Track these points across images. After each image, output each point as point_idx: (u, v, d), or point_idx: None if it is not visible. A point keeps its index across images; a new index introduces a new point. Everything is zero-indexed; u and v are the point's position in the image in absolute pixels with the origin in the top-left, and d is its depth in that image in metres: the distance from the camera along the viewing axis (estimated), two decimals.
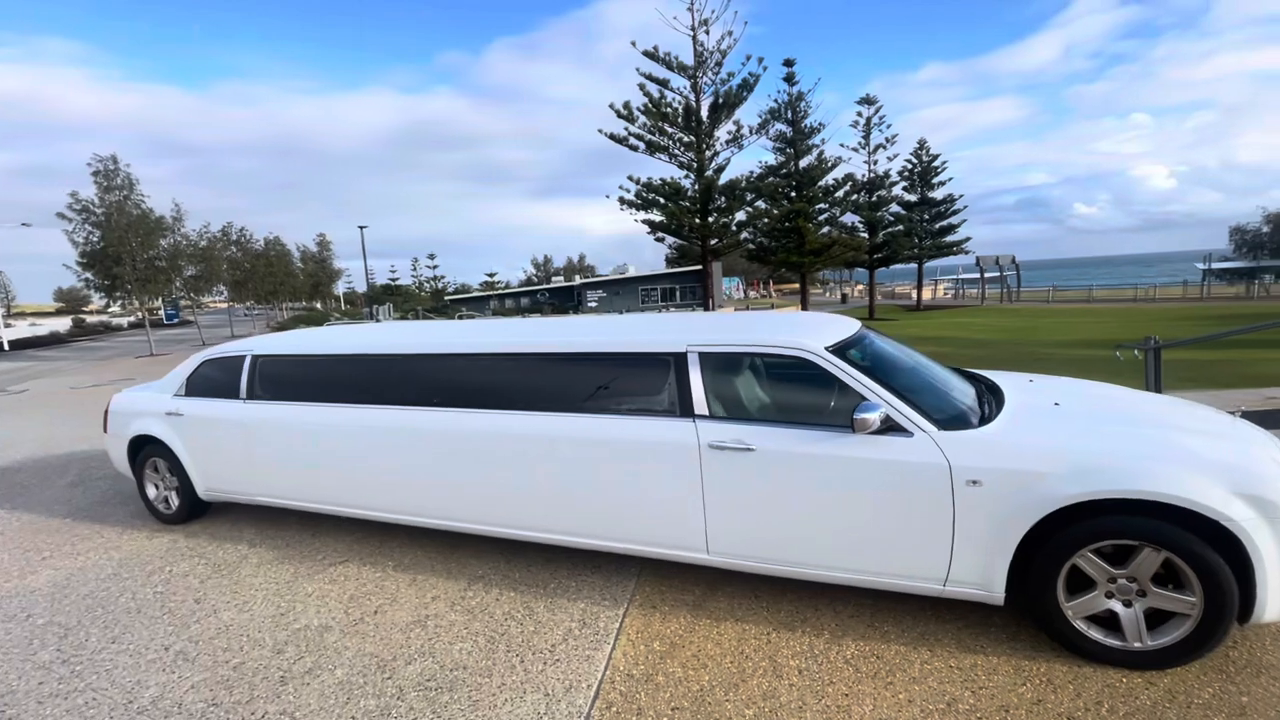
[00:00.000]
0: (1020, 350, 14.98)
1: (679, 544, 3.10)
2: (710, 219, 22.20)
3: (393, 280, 55.87)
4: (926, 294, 43.67)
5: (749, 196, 22.80)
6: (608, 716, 2.38)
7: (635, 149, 22.45)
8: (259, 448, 4.18)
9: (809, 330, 3.09)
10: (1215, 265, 40.07)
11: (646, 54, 21.52)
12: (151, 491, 4.85)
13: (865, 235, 35.52)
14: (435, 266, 56.15)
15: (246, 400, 4.28)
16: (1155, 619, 2.41)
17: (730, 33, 20.47)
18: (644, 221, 23.04)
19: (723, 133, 21.97)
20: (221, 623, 3.26)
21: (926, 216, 39.34)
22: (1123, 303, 33.67)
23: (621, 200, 23.15)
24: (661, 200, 21.61)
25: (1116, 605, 2.43)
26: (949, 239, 39.60)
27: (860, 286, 67.08)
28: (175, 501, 4.75)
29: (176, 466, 4.62)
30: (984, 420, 2.73)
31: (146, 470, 4.82)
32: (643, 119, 21.47)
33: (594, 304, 53.70)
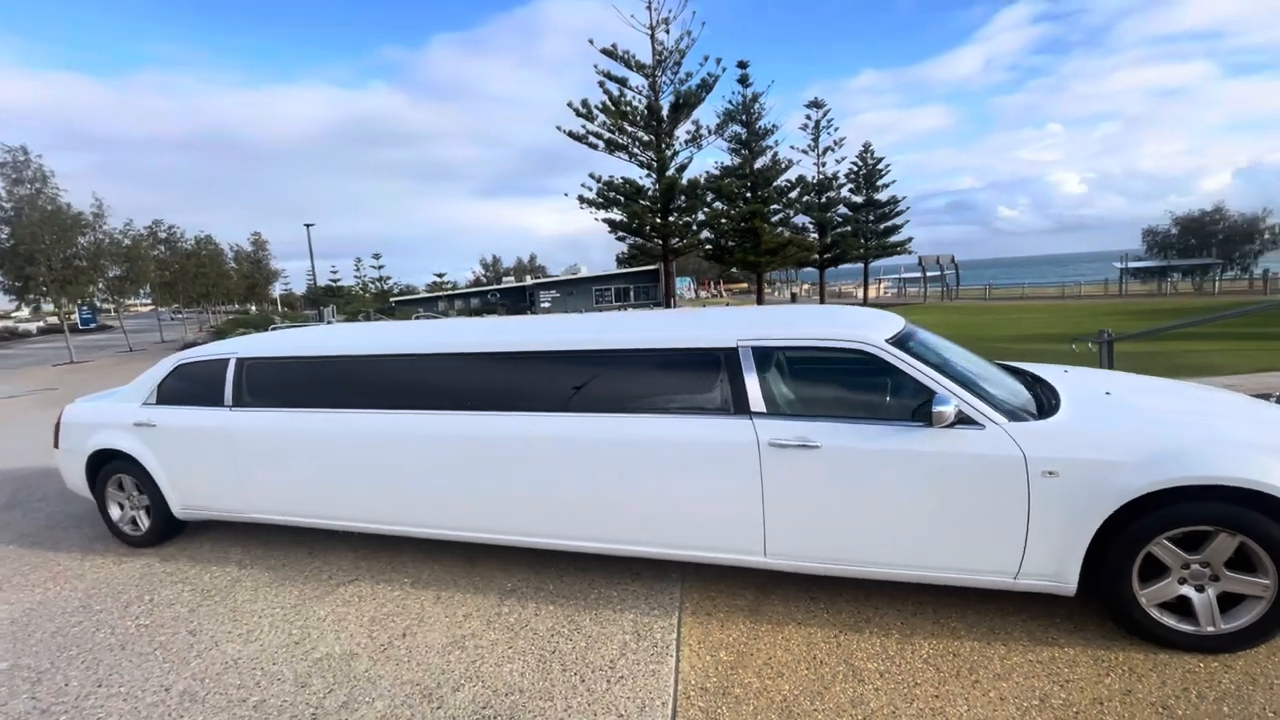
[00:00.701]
0: (979, 346, 15.55)
1: (734, 548, 2.97)
2: (671, 218, 22.20)
3: (334, 281, 53.34)
4: (871, 293, 45.11)
5: (709, 197, 22.94)
6: None
7: (594, 147, 22.20)
8: (249, 460, 3.80)
9: (864, 323, 3.02)
10: (1131, 264, 43.07)
11: (605, 52, 21.31)
12: (115, 512, 4.36)
13: (815, 236, 36.42)
14: (381, 266, 53.99)
15: (233, 408, 3.89)
16: (1227, 602, 2.44)
17: (689, 33, 20.52)
18: (604, 220, 22.84)
19: (682, 132, 22.03)
20: (227, 656, 2.92)
21: (872, 217, 40.63)
22: (1052, 299, 35.69)
23: (582, 199, 22.88)
24: (623, 199, 21.46)
25: (1189, 591, 2.45)
26: (893, 239, 41.04)
27: (805, 286, 68.74)
28: (145, 522, 4.29)
29: (147, 483, 4.16)
30: (1047, 411, 2.72)
31: (109, 488, 4.33)
32: (602, 117, 21.25)
33: (547, 304, 53.01)
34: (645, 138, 21.81)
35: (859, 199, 40.20)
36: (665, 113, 21.04)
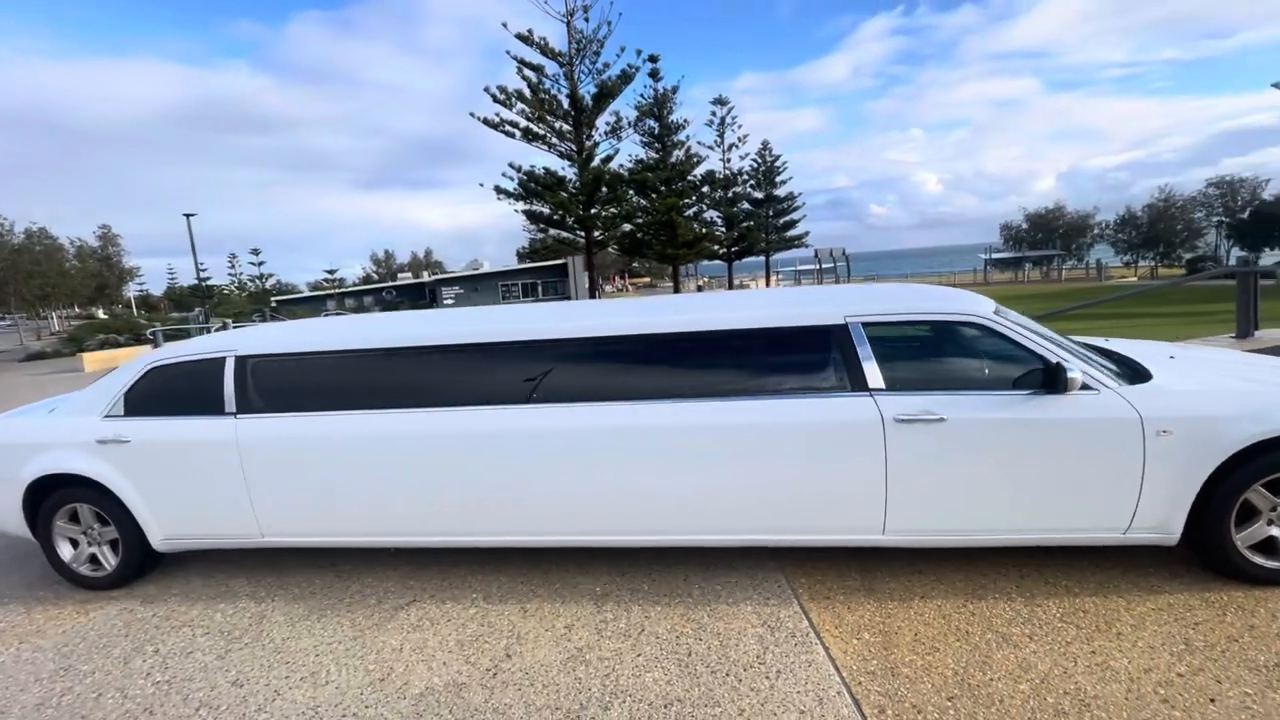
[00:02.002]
0: None
1: (850, 528, 2.92)
2: (593, 210, 21.94)
3: (203, 280, 47.66)
4: (771, 284, 47.33)
5: (631, 190, 22.90)
6: (908, 717, 2.15)
7: (511, 136, 21.46)
8: (264, 476, 3.24)
9: (962, 297, 3.07)
10: (993, 256, 48.35)
11: (520, 37, 20.62)
12: (66, 551, 3.57)
13: (724, 229, 37.54)
14: (261, 263, 49.03)
15: (239, 415, 3.29)
16: None
17: (609, 22, 20.30)
18: (524, 212, 22.16)
19: (602, 123, 21.81)
20: (300, 706, 2.46)
21: (772, 212, 42.51)
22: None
23: (499, 190, 22.05)
24: (545, 191, 20.91)
25: (1276, 531, 2.71)
26: (791, 233, 43.28)
27: (706, 279, 70.84)
28: (110, 559, 3.55)
29: (116, 512, 3.44)
30: (1141, 376, 2.90)
31: (58, 522, 3.53)
32: (521, 105, 20.55)
33: (450, 301, 50.69)
34: (565, 128, 21.38)
35: (760, 195, 41.91)
36: (587, 102, 20.71)
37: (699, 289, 59.69)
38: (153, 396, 3.44)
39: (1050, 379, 2.71)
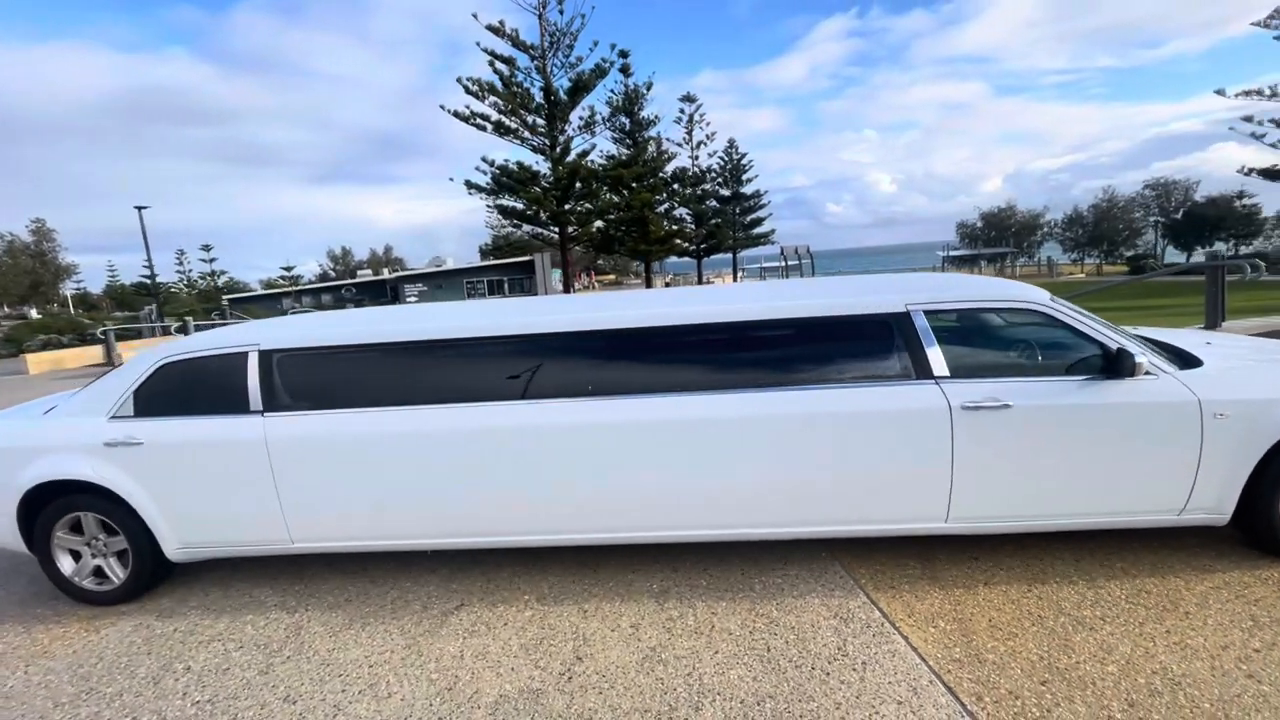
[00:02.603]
0: None
1: (913, 516, 2.91)
2: (568, 206, 21.70)
3: (147, 278, 45.13)
4: (738, 281, 47.77)
5: (605, 186, 22.73)
6: (989, 707, 2.14)
7: (482, 129, 21.02)
8: (297, 478, 3.04)
9: (1018, 286, 3.10)
10: (950, 253, 49.93)
11: (491, 29, 20.20)
12: (67, 564, 3.28)
13: (693, 226, 37.70)
14: (212, 260, 46.83)
15: (266, 414, 3.08)
16: None
17: (583, 15, 20.06)
18: (497, 208, 21.76)
19: (576, 117, 21.57)
20: (367, 718, 2.30)
21: (739, 210, 42.92)
22: None
23: (470, 185, 21.60)
24: (519, 185, 20.56)
25: None
26: (757, 231, 43.79)
27: (671, 276, 71.11)
28: (119, 571, 3.28)
29: (126, 520, 3.18)
30: (1191, 362, 2.97)
31: (58, 533, 3.24)
32: (492, 98, 20.15)
33: (414, 298, 49.52)
34: (538, 122, 21.06)
35: (727, 192, 42.25)
36: (561, 95, 20.44)
37: (666, 285, 59.79)
38: (166, 395, 3.19)
39: (1111, 364, 2.75)
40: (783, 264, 51.24)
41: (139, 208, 21.42)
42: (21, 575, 3.74)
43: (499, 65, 19.93)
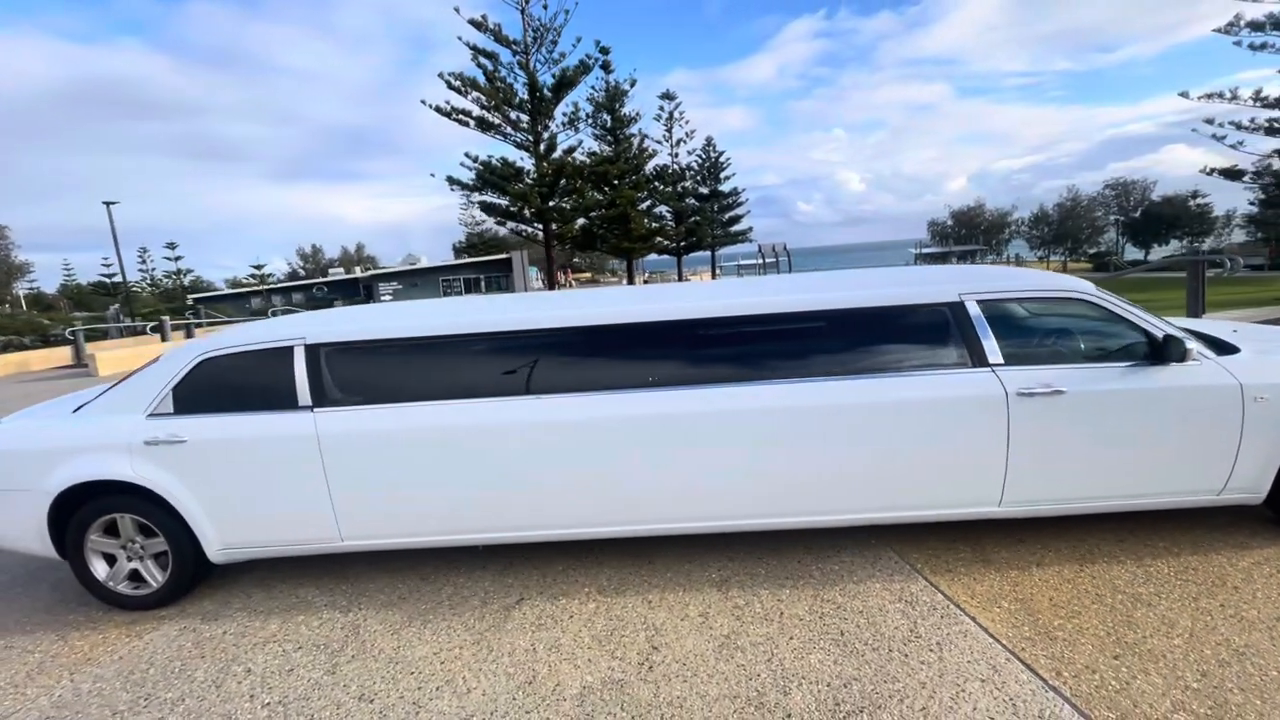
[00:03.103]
0: None
1: (966, 501, 2.98)
2: (552, 203, 21.56)
3: (107, 277, 43.50)
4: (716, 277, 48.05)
5: (589, 183, 22.63)
6: (1070, 681, 2.21)
7: (464, 124, 20.76)
8: (351, 475, 2.98)
9: (1063, 276, 3.19)
10: (923, 250, 51.03)
11: (473, 23, 19.95)
12: (101, 569, 3.16)
13: (673, 224, 37.81)
14: (178, 259, 45.33)
15: (317, 409, 3.01)
16: None
17: (567, 11, 19.93)
18: (480, 204, 21.52)
19: (559, 113, 21.44)
20: (452, 715, 2.28)
21: (717, 207, 43.19)
22: None
23: (453, 181, 21.31)
24: (504, 182, 20.34)
25: None
26: (735, 229, 44.11)
27: (648, 274, 71.12)
28: (157, 574, 3.17)
29: (165, 521, 3.07)
30: (1227, 349, 3.10)
31: (92, 536, 3.12)
32: (475, 94, 19.90)
33: (388, 297, 48.67)
34: (521, 118, 20.86)
35: (705, 190, 42.46)
36: (546, 91, 20.28)
37: (645, 283, 59.79)
38: (207, 391, 3.09)
39: (1158, 351, 2.86)
40: (760, 262, 51.80)
41: (108, 203, 20.59)
42: (42, 582, 3.59)
43: (482, 60, 19.70)
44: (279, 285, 52.90)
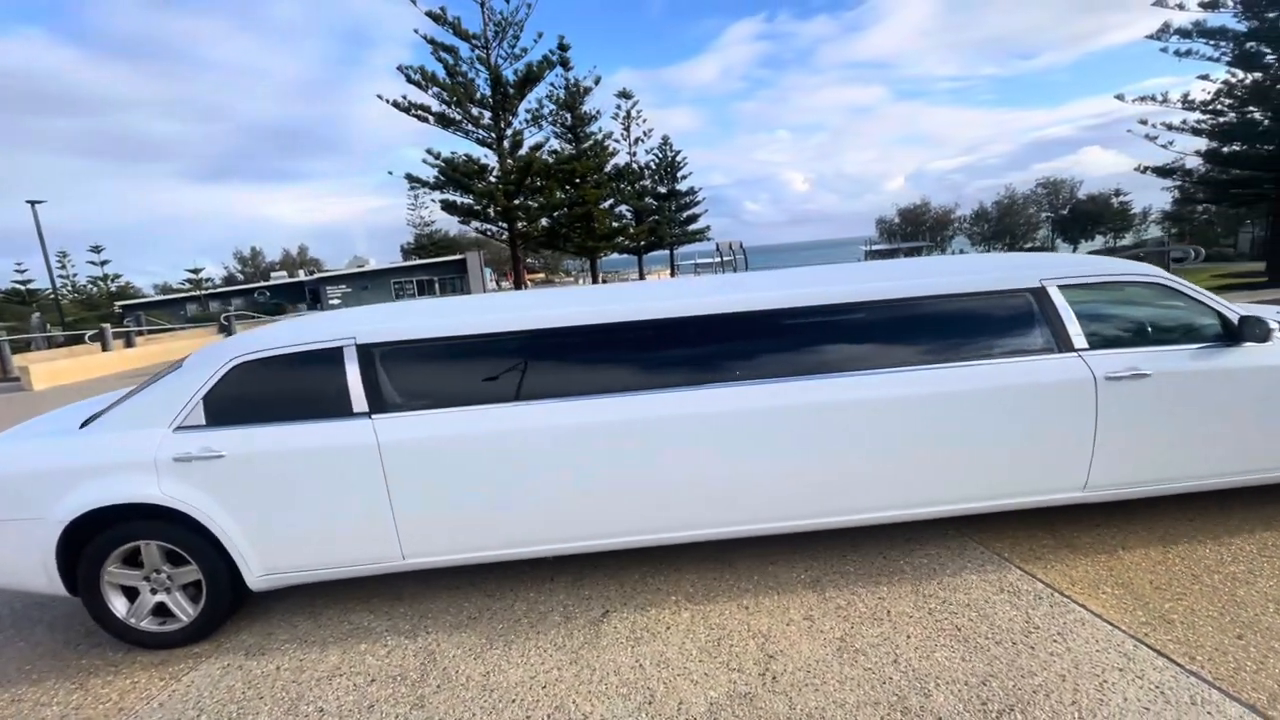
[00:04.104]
0: None
1: (1054, 488, 2.96)
2: (517, 201, 21.10)
3: (22, 284, 40.08)
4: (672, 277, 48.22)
5: (556, 181, 22.25)
6: (1206, 665, 2.19)
7: (424, 120, 20.07)
8: (415, 486, 2.71)
9: (1132, 263, 3.21)
10: (873, 247, 52.58)
11: (432, 15, 19.28)
12: (121, 605, 2.79)
13: (634, 222, 37.68)
14: (105, 263, 42.21)
15: (374, 415, 2.73)
16: None
17: (529, 4, 19.50)
18: (442, 203, 20.85)
19: (523, 110, 21.00)
20: None
21: (675, 206, 43.33)
22: None
23: (412, 179, 20.59)
24: (467, 179, 19.76)
25: None
26: (693, 227, 44.40)
27: (603, 275, 70.71)
28: (187, 607, 2.82)
29: (201, 546, 2.73)
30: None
31: (109, 568, 2.74)
32: (435, 89, 19.25)
33: (336, 301, 46.76)
34: (483, 114, 20.31)
35: (664, 189, 42.53)
36: (508, 87, 19.81)
37: (603, 283, 59.43)
38: (244, 399, 2.77)
39: (1231, 332, 2.91)
40: (719, 260, 52.31)
41: (32, 202, 18.88)
42: (36, 622, 3.16)
43: (443, 55, 19.06)
44: (217, 290, 50.04)
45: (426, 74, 18.63)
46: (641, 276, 39.43)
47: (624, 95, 37.09)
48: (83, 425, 2.86)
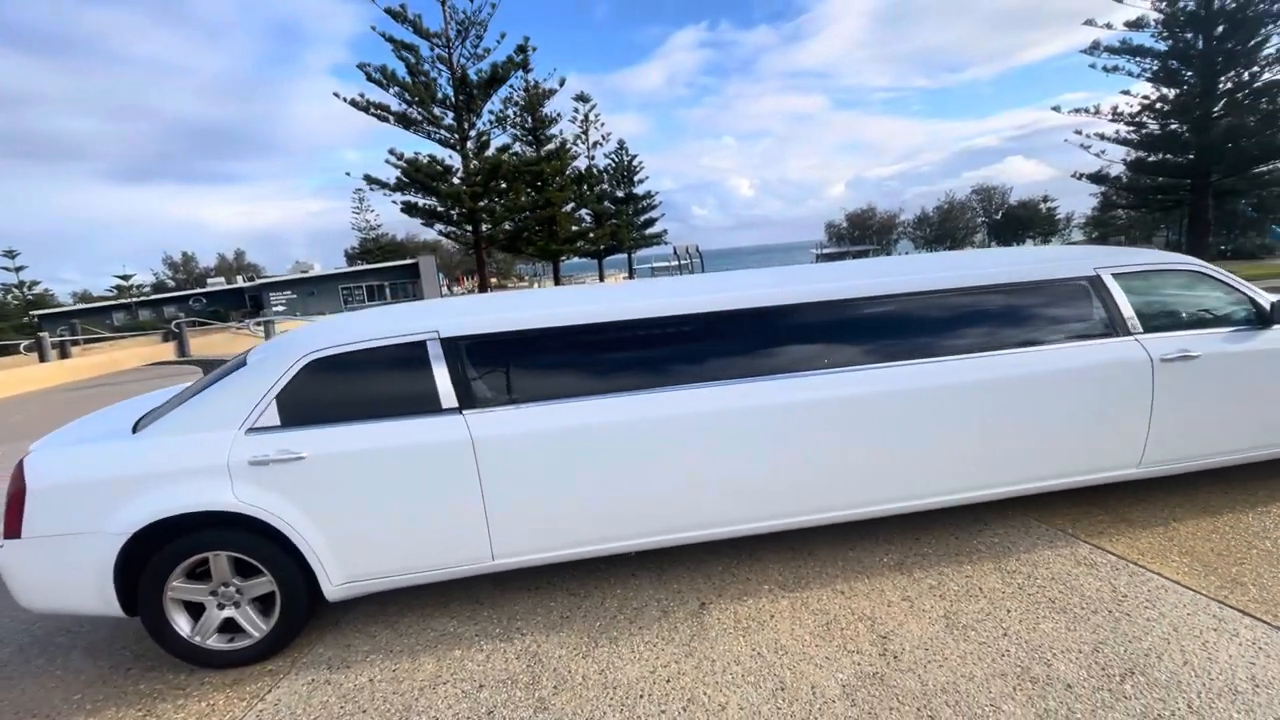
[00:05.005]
0: None
1: (1110, 465, 3.11)
2: (482, 203, 20.72)
3: None
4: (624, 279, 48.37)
5: (523, 183, 21.95)
6: None
7: (384, 120, 19.48)
8: (512, 483, 2.63)
9: (1170, 254, 3.42)
10: (823, 250, 54.21)
11: (391, 13, 18.75)
12: (184, 624, 2.58)
13: (594, 226, 37.59)
14: (20, 269, 38.96)
15: (465, 411, 2.63)
16: None
17: (493, 4, 19.20)
18: (404, 205, 20.27)
19: (488, 111, 20.65)
20: None
21: (633, 210, 43.49)
22: None
23: (371, 180, 19.91)
24: (432, 181, 19.26)
25: None
26: (651, 231, 44.68)
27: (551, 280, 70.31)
28: (259, 622, 2.63)
29: (278, 555, 2.56)
30: None
31: (173, 583, 2.54)
32: (396, 88, 18.72)
33: (281, 307, 44.61)
34: (445, 114, 19.86)
35: (621, 193, 42.63)
36: (474, 88, 19.44)
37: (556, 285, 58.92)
38: (320, 398, 2.62)
39: (1263, 315, 3.14)
40: (677, 263, 52.78)
41: None
42: (71, 649, 2.89)
43: (404, 53, 18.54)
44: (148, 298, 47.01)
45: (388, 72, 18.09)
46: (601, 279, 39.35)
47: (582, 99, 37.04)
48: (135, 429, 2.64)
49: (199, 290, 48.86)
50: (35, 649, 2.92)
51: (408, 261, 50.01)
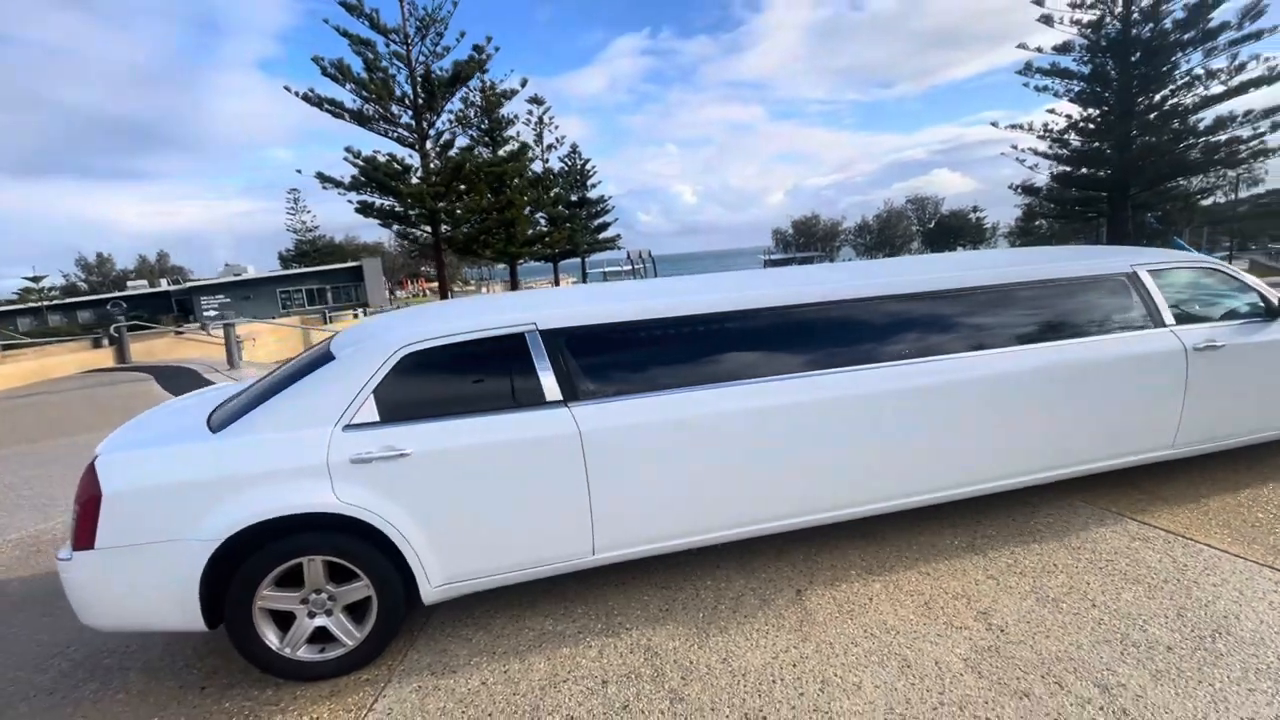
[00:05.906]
0: None
1: (1147, 447, 3.35)
2: (443, 204, 20.22)
3: None
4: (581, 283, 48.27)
5: (485, 183, 21.53)
6: None
7: (339, 117, 18.76)
8: (619, 475, 2.60)
9: (1185, 253, 3.72)
10: (771, 256, 55.65)
11: (345, 6, 18.09)
12: (273, 635, 2.42)
13: (549, 229, 37.25)
14: None
15: (570, 403, 2.59)
16: None
17: (455, 1, 18.80)
18: (360, 205, 19.54)
19: (448, 110, 20.20)
20: (865, 711, 2.10)
21: (586, 214, 43.40)
22: None
23: (323, 178, 19.10)
24: (389, 180, 18.64)
25: None
26: (604, 235, 44.70)
27: (502, 284, 69.57)
28: (353, 630, 2.50)
29: (377, 558, 2.44)
30: None
31: (264, 591, 2.38)
32: (352, 85, 18.06)
33: (213, 312, 42.04)
34: (403, 113, 19.30)
35: (575, 197, 42.45)
36: (435, 86, 18.97)
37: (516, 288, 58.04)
38: (419, 392, 2.52)
39: (1271, 309, 3.47)
40: (629, 268, 52.96)
41: None
42: (129, 669, 2.65)
43: (362, 50, 17.90)
44: (61, 301, 43.32)
45: (343, 67, 17.42)
46: (557, 283, 39.04)
47: (536, 101, 36.70)
48: (216, 429, 2.46)
49: (118, 294, 45.30)
50: (81, 673, 2.67)
51: (351, 265, 48.19)
